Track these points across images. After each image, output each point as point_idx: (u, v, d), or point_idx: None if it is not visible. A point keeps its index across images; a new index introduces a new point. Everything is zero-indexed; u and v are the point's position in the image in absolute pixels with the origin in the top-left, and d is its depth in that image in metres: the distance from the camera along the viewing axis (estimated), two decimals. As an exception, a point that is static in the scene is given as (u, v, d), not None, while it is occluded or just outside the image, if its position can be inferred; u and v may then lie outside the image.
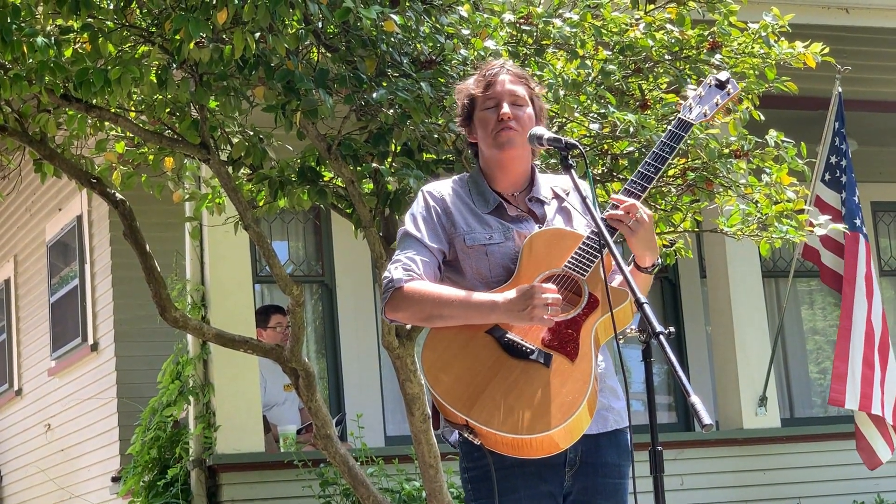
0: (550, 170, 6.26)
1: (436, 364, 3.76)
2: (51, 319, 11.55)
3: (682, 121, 4.03)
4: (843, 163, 9.82)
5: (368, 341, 10.52)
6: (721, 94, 4.09)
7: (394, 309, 3.88)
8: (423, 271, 3.88)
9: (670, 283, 11.65)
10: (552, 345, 3.75)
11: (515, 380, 3.71)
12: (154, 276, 7.05)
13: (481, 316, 3.76)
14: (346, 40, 6.05)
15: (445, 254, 3.94)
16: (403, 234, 3.98)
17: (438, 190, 4.03)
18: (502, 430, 3.65)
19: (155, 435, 8.86)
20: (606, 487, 3.89)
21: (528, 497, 3.81)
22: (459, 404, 3.68)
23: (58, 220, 11.40)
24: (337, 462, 7.19)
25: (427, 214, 3.97)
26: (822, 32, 7.75)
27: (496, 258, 3.90)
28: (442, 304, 3.78)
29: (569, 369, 3.72)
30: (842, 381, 9.57)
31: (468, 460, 3.86)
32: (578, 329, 3.78)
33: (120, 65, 5.89)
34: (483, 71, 4.05)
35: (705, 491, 9.71)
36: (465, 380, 3.71)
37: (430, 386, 3.73)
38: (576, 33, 6.28)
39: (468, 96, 4.04)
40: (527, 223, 3.97)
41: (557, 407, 3.66)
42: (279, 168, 6.73)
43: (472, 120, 4.03)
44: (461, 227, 3.93)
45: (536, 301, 3.66)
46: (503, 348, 3.76)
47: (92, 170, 7.12)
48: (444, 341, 3.80)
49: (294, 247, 10.84)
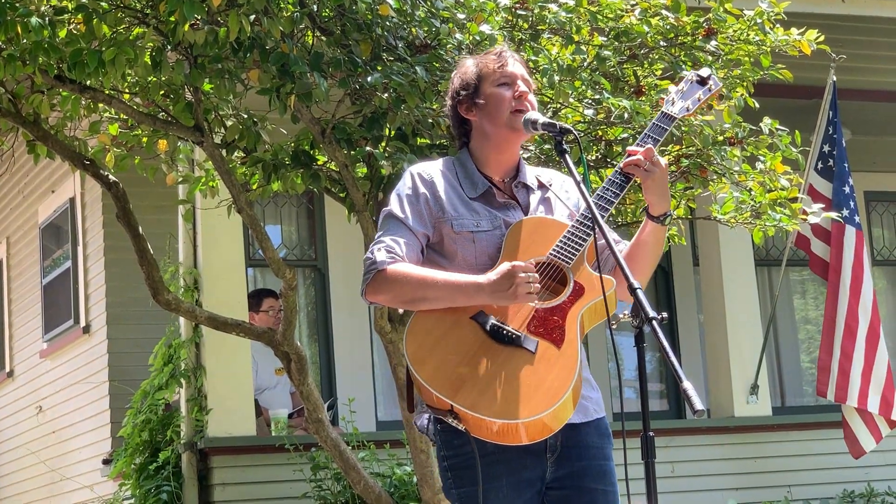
0: (545, 156, 6.27)
1: (420, 349, 3.72)
2: (43, 301, 11.54)
3: (666, 114, 4.03)
4: (836, 152, 9.83)
5: (361, 326, 10.52)
6: (703, 91, 4.10)
7: (375, 291, 3.83)
8: (406, 254, 3.83)
9: (663, 270, 11.66)
10: (538, 331, 3.73)
11: (501, 365, 3.68)
12: (147, 259, 7.05)
13: (466, 298, 3.73)
14: (341, 24, 6.04)
15: (429, 237, 3.90)
16: (388, 214, 3.92)
17: (428, 171, 3.98)
18: (489, 414, 3.61)
19: (146, 418, 8.85)
20: (593, 469, 3.87)
21: (510, 484, 3.77)
22: (444, 389, 3.64)
23: (51, 202, 11.39)
24: (328, 446, 7.20)
25: (413, 196, 3.92)
26: (817, 21, 7.75)
27: (482, 246, 3.87)
28: (426, 287, 3.75)
29: (555, 355, 3.70)
30: (826, 372, 9.63)
31: (447, 448, 3.81)
32: (564, 316, 3.75)
33: (114, 46, 5.89)
34: (491, 52, 4.02)
35: (696, 478, 9.72)
36: (450, 365, 3.68)
37: (415, 371, 3.68)
38: (571, 18, 6.27)
39: (476, 70, 3.98)
40: (513, 211, 3.95)
41: (545, 392, 3.64)
42: (273, 151, 6.73)
43: (477, 95, 3.98)
44: (449, 212, 3.89)
45: (519, 280, 3.64)
46: (488, 333, 3.72)
47: (85, 152, 7.11)
48: (427, 326, 3.76)
49: (287, 231, 10.84)
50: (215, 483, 8.57)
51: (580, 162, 3.84)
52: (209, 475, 8.62)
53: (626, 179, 3.87)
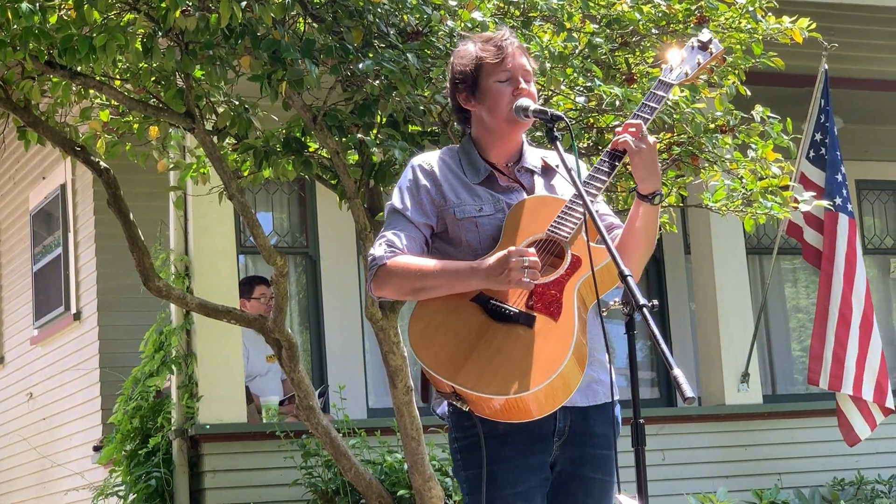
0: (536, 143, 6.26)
1: (423, 334, 3.76)
2: (34, 288, 11.53)
3: (662, 81, 4.02)
4: (828, 140, 9.84)
5: (352, 313, 10.52)
6: (703, 55, 4.08)
7: (380, 286, 3.88)
8: (407, 246, 3.87)
9: (654, 258, 11.65)
10: (536, 306, 3.75)
11: (500, 343, 3.70)
12: (138, 246, 7.04)
13: (462, 283, 3.76)
14: (332, 10, 6.03)
15: (433, 228, 3.93)
16: (390, 209, 3.97)
17: (428, 162, 3.99)
18: (488, 391, 3.64)
19: (137, 404, 8.84)
20: (595, 458, 3.89)
21: (517, 467, 3.80)
22: (445, 371, 3.68)
23: (41, 189, 11.36)
24: (319, 433, 7.20)
25: (414, 189, 3.94)
26: (809, 10, 7.74)
27: (486, 230, 3.89)
28: (424, 276, 3.79)
29: (552, 327, 3.72)
30: (818, 361, 9.64)
31: (458, 430, 3.85)
32: (561, 289, 3.77)
33: (105, 32, 5.87)
34: (491, 40, 3.98)
35: (687, 466, 9.73)
36: (451, 347, 3.71)
37: (418, 356, 3.72)
38: (563, 6, 6.26)
39: (475, 62, 3.96)
40: (517, 194, 3.96)
41: (542, 364, 3.65)
42: (264, 138, 6.71)
43: (476, 87, 3.97)
44: (451, 200, 3.91)
45: (513, 264, 3.65)
46: (488, 314, 3.75)
47: (76, 138, 7.09)
48: (430, 312, 3.80)
49: (278, 218, 10.82)
50: (206, 470, 8.57)
51: (571, 149, 3.84)
52: (200, 462, 8.62)
53: (617, 157, 3.86)
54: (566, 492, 3.90)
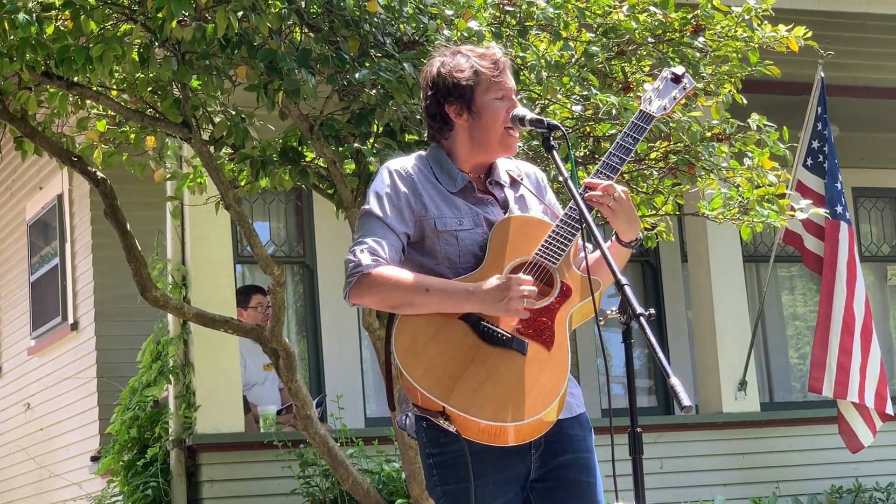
0: (532, 152, 6.27)
1: (410, 349, 3.70)
2: (31, 298, 11.52)
3: (644, 112, 4.01)
4: (826, 148, 9.84)
5: (349, 322, 10.51)
6: (678, 89, 4.08)
7: (360, 294, 3.78)
8: (389, 256, 3.79)
9: (651, 266, 11.67)
10: (526, 332, 3.72)
11: (493, 367, 3.67)
12: (135, 256, 7.04)
13: (455, 305, 3.72)
14: (329, 20, 6.04)
15: (410, 236, 3.86)
16: (366, 213, 3.87)
17: (405, 168, 3.92)
18: (481, 417, 3.61)
19: (134, 414, 8.84)
20: (576, 462, 3.88)
21: (496, 482, 3.77)
22: (437, 390, 3.63)
23: (38, 199, 11.36)
24: (317, 443, 7.20)
25: (394, 195, 3.87)
26: (805, 18, 7.77)
27: (465, 244, 3.85)
28: (414, 293, 3.72)
29: (546, 357, 3.70)
30: (820, 368, 9.62)
31: (433, 446, 3.79)
32: (553, 317, 3.75)
33: (102, 42, 5.88)
34: (486, 56, 3.94)
35: (684, 474, 9.73)
36: (441, 366, 3.66)
37: (406, 371, 3.66)
38: (559, 15, 6.27)
39: (475, 77, 3.91)
40: (492, 207, 3.93)
41: (537, 395, 3.64)
42: (261, 148, 6.72)
43: (472, 102, 3.91)
44: (431, 210, 3.85)
45: (513, 293, 3.64)
46: (478, 335, 3.72)
47: (73, 148, 7.10)
48: (417, 326, 3.74)
49: (275, 227, 10.83)
50: (203, 480, 8.57)
51: (568, 158, 3.84)
52: (197, 472, 8.61)
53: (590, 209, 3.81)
54: (556, 499, 3.88)
